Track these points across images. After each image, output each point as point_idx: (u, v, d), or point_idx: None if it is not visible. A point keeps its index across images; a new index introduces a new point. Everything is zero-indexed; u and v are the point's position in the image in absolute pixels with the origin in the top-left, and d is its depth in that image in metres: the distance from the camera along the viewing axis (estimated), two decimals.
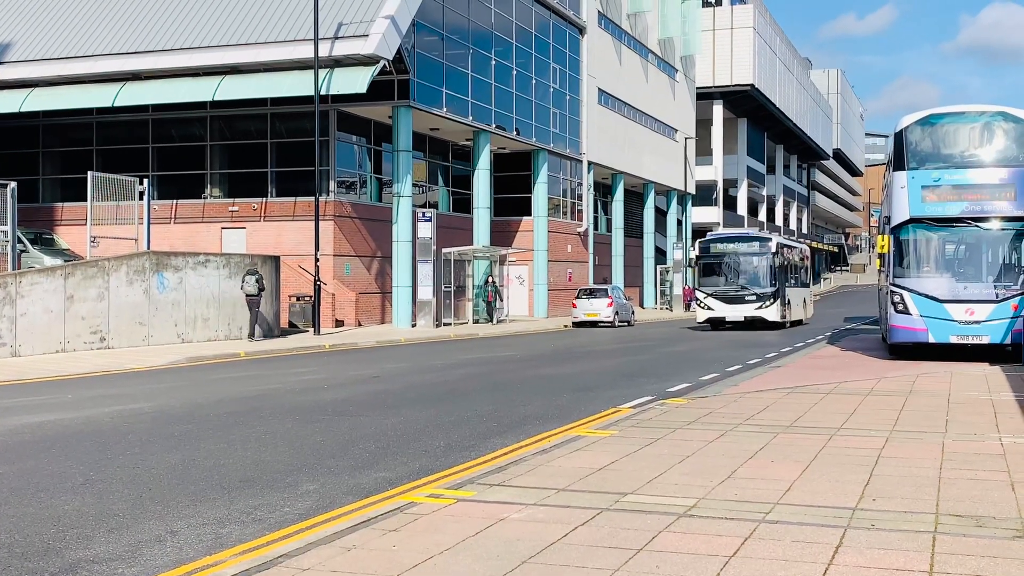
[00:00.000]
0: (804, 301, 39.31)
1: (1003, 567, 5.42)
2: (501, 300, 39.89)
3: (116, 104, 33.90)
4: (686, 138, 63.72)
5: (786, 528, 6.31)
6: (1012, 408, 12.23)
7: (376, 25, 31.68)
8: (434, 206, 40.46)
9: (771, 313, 33.98)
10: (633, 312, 42.15)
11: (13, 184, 23.11)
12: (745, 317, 33.95)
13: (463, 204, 42.24)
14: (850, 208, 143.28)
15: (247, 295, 27.01)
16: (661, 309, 57.02)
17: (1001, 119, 19.57)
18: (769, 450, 9.18)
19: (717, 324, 34.69)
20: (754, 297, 33.87)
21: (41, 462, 9.35)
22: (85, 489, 8.23)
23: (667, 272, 58.74)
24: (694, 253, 35.31)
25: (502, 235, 44.94)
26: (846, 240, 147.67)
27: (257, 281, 26.96)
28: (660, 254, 62.76)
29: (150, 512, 7.41)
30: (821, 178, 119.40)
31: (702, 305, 34.42)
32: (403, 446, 10.25)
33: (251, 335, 27.05)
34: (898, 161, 19.88)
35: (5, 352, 21.43)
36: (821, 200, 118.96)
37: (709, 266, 34.71)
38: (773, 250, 34.12)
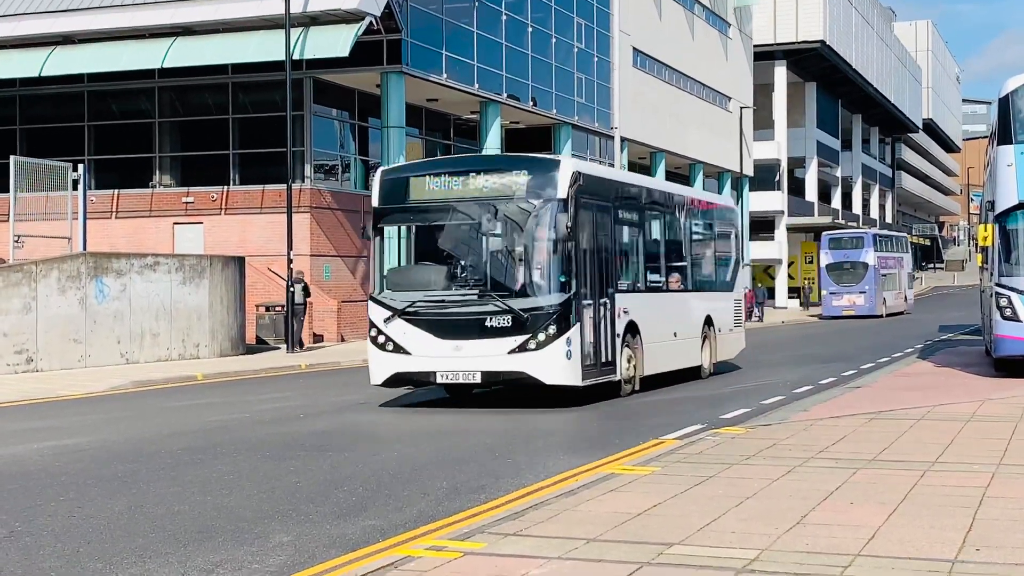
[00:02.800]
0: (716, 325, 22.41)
1: None
2: None
3: (43, 74, 34.05)
4: (741, 108, 63.65)
5: None
6: None
7: None
8: None
9: (544, 362, 16.16)
10: None
11: None
12: (482, 373, 16.37)
13: None
14: (945, 191, 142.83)
15: (295, 304, 29.73)
16: None
17: None
18: (847, 489, 9.15)
19: (401, 383, 17.31)
20: (503, 323, 16.26)
21: None
22: (9, 543, 8.25)
23: None
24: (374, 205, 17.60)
25: None
26: (940, 231, 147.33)
27: (303, 289, 30.27)
28: None
29: (88, 571, 7.42)
30: (909, 155, 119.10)
31: (377, 341, 16.81)
32: (397, 488, 10.25)
33: (294, 345, 29.65)
34: (1004, 133, 19.77)
35: None
36: (909, 182, 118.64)
37: (420, 237, 17.98)
38: (561, 191, 16.21)
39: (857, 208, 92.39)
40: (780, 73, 74.09)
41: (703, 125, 58.90)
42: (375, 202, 17.19)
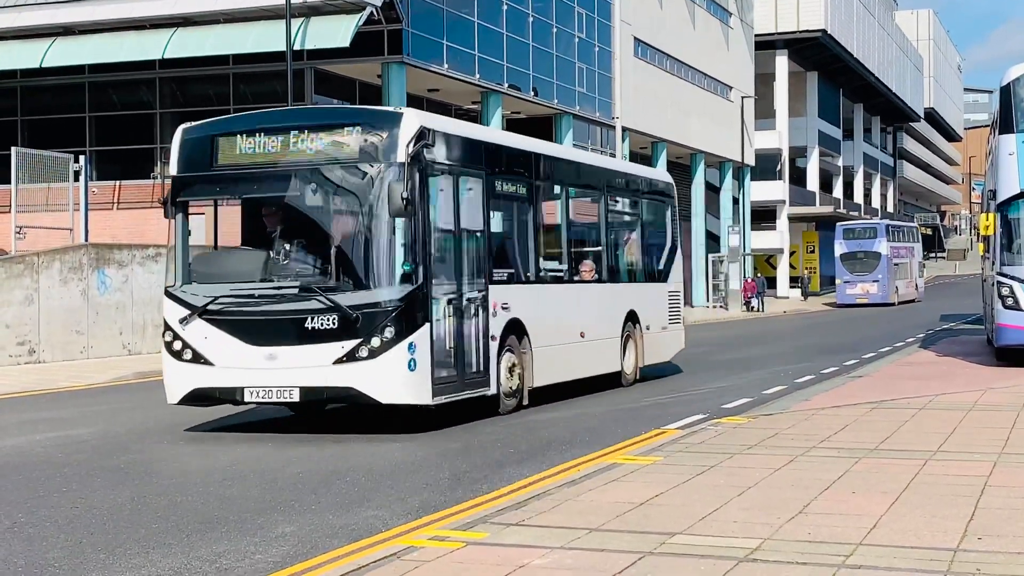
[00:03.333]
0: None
1: None
2: None
3: (44, 65, 33.99)
4: (743, 97, 63.56)
5: (871, 574, 6.29)
6: None
7: None
8: None
9: (378, 374, 12.70)
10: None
11: None
12: (301, 389, 12.88)
13: None
14: (946, 181, 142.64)
15: None
16: (714, 307, 56.93)
17: None
18: (849, 479, 9.16)
19: (203, 401, 13.71)
20: (329, 323, 12.78)
21: None
22: (12, 535, 8.27)
23: (721, 262, 58.68)
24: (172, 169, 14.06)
25: None
26: (942, 220, 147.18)
27: None
28: (712, 240, 62.65)
29: (91, 561, 7.44)
30: (910, 144, 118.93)
31: (172, 347, 13.43)
32: (400, 478, 10.27)
33: None
34: (1005, 122, 19.76)
35: None
36: (910, 171, 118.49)
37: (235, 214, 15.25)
38: (401, 152, 12.76)
39: (859, 197, 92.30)
40: (781, 62, 73.97)
41: (704, 115, 58.82)
42: (173, 169, 13.51)
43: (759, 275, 60.01)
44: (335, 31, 31.23)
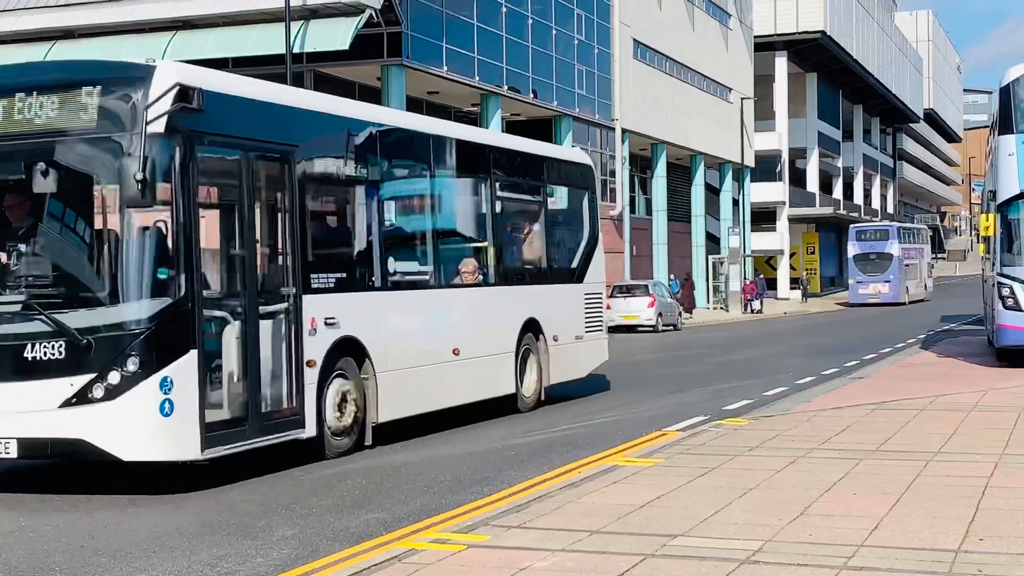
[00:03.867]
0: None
1: None
2: None
3: None
4: (743, 99, 63.55)
5: None
6: None
7: None
8: None
9: (117, 422, 9.49)
10: (680, 313, 42.11)
11: None
12: (19, 442, 9.60)
13: None
14: (946, 181, 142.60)
15: None
16: (715, 308, 56.92)
17: None
18: (850, 480, 9.15)
19: None
20: (54, 352, 9.58)
21: None
22: (14, 539, 8.27)
23: (721, 264, 58.70)
24: None
25: None
26: (942, 221, 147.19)
27: None
28: (712, 241, 62.65)
29: (93, 565, 7.43)
30: (910, 145, 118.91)
31: None
32: (400, 481, 10.26)
33: None
34: (1005, 122, 19.74)
35: None
36: (910, 172, 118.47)
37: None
38: (153, 121, 9.57)
39: (859, 198, 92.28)
40: (781, 64, 73.97)
41: (704, 116, 58.84)
42: None
43: (760, 276, 60.08)
44: (335, 34, 31.24)
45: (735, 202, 64.18)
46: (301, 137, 11.25)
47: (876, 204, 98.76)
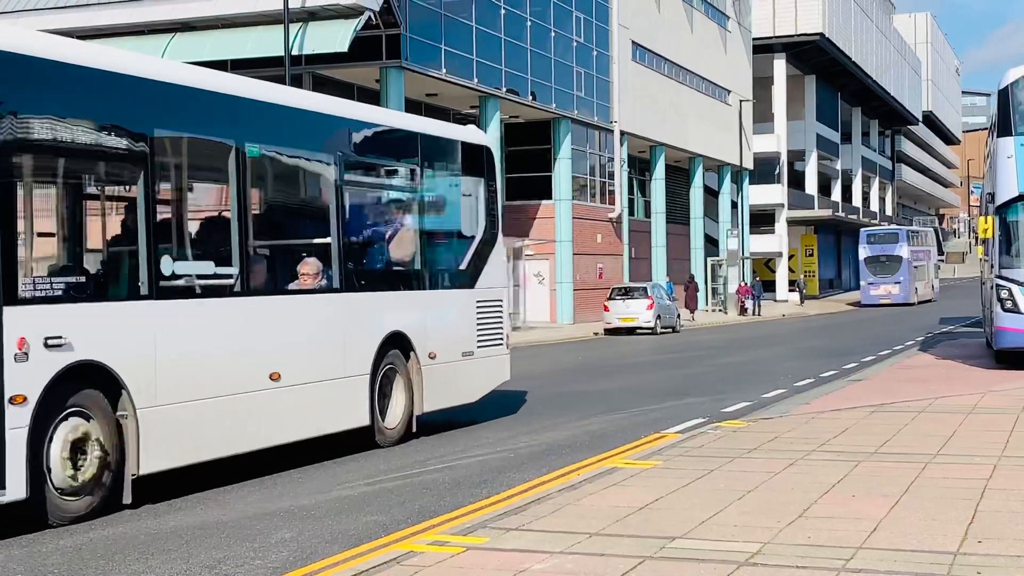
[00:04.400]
0: None
1: None
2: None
3: None
4: (741, 101, 63.61)
5: None
6: None
7: None
8: None
9: None
10: (679, 315, 42.13)
11: None
12: None
13: None
14: (944, 184, 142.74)
15: None
16: (713, 311, 56.94)
17: None
18: (849, 482, 9.15)
19: None
20: None
21: None
22: (13, 540, 8.25)
23: (720, 266, 58.73)
24: None
25: (516, 223, 44.94)
26: (940, 223, 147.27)
27: None
28: (711, 244, 62.69)
29: (90, 568, 7.43)
30: (908, 147, 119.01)
31: None
32: (398, 482, 10.25)
33: None
34: (1003, 124, 19.75)
35: None
36: (908, 174, 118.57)
37: None
38: None
39: (857, 201, 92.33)
40: (779, 66, 74.03)
41: (703, 118, 58.88)
42: None
43: (757, 279, 60.13)
44: (333, 36, 31.26)
45: (734, 204, 64.23)
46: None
47: (875, 206, 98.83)
